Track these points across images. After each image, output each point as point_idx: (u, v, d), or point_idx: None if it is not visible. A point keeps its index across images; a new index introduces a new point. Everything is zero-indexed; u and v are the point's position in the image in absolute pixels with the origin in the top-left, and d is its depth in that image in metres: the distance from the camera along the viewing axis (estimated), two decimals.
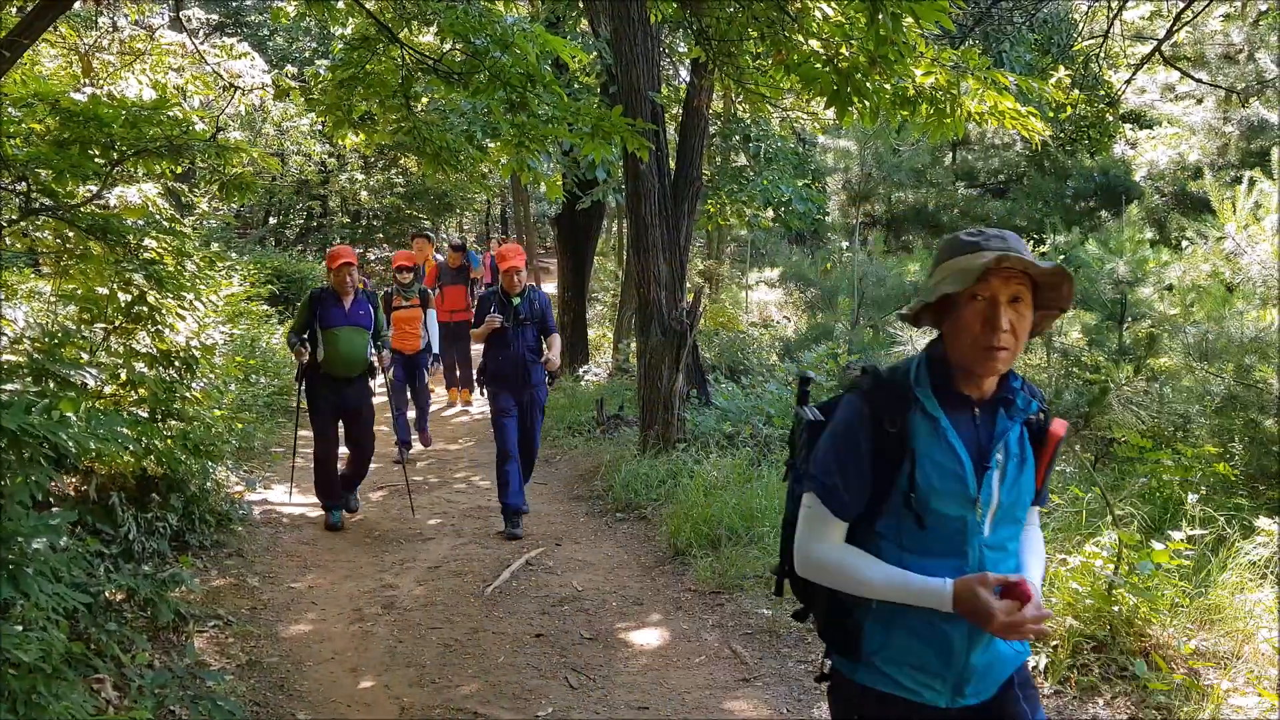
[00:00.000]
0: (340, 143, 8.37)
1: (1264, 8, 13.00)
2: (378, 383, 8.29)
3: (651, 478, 8.14)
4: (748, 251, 19.23)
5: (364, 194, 26.81)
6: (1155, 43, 9.75)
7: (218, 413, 7.52)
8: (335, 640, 5.46)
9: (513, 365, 7.39)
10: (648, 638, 5.49)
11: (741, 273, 19.25)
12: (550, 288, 17.67)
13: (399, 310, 9.78)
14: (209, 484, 6.83)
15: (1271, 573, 4.95)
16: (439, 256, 13.20)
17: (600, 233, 19.75)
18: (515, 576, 6.49)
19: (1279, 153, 6.85)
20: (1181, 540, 4.79)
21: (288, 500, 8.18)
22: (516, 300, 7.39)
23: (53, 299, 6.63)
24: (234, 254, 14.60)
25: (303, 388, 7.58)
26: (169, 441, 6.07)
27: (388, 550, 7.07)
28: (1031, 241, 12.48)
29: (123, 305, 6.00)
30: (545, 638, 5.46)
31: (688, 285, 10.03)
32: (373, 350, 7.54)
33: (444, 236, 29.23)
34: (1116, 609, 4.62)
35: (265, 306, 14.07)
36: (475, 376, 7.97)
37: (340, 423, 7.69)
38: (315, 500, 8.31)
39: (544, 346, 7.51)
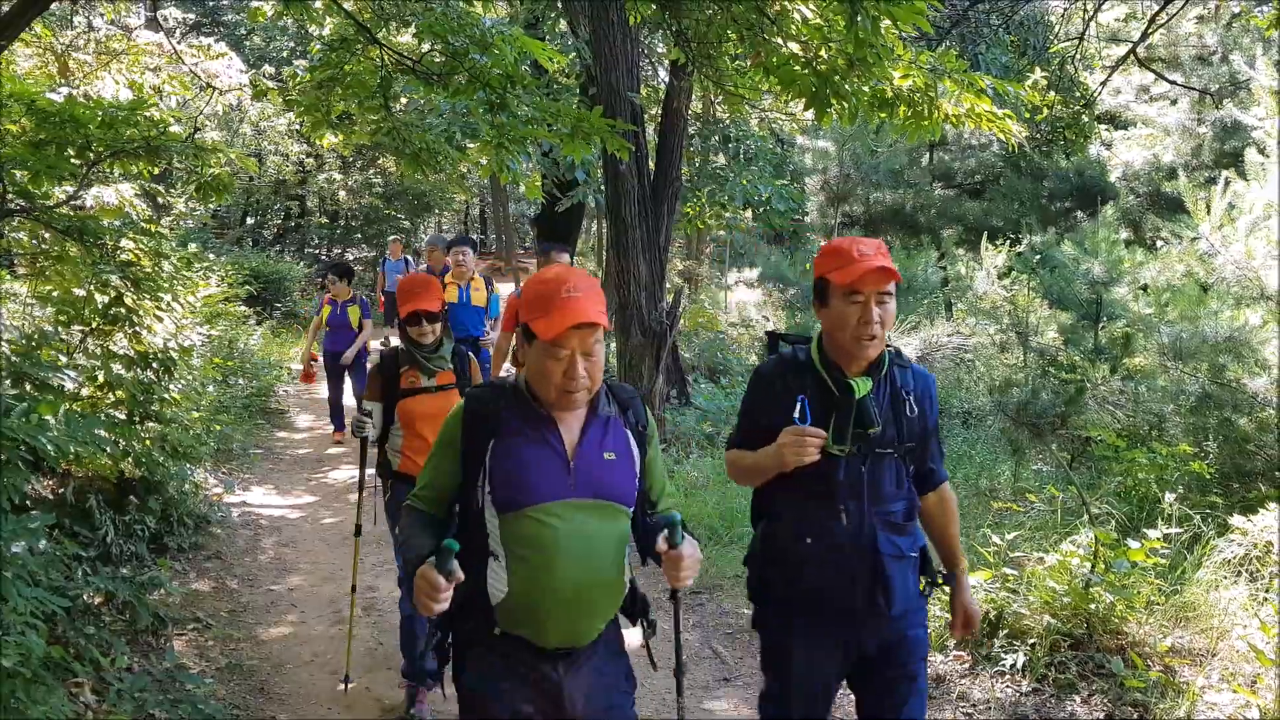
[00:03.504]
0: (318, 143, 8.32)
1: (1237, 10, 13.13)
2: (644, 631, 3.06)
3: None
4: (727, 252, 19.27)
5: (342, 194, 26.73)
6: (1130, 45, 9.83)
7: (196, 414, 7.47)
8: (315, 642, 5.45)
9: (847, 559, 2.97)
10: (628, 638, 5.49)
11: (721, 273, 19.28)
12: None
13: (415, 397, 4.66)
14: (187, 486, 6.79)
15: (1247, 570, 5.01)
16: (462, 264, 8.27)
17: (580, 233, 19.77)
18: None
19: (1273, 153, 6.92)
20: (1157, 539, 4.84)
21: (267, 503, 8.14)
22: (863, 385, 2.98)
23: (29, 301, 6.58)
24: (211, 255, 14.51)
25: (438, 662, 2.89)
26: (147, 443, 6.05)
27: (368, 552, 7.04)
28: (1008, 241, 12.56)
29: (100, 307, 5.96)
30: None
31: (667, 285, 10.05)
32: (636, 552, 2.89)
33: (421, 234, 29.06)
34: (1093, 607, 4.66)
35: (243, 307, 13.99)
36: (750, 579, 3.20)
37: None
38: (295, 502, 8.28)
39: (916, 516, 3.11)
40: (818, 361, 3.00)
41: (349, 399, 10.25)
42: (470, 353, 4.91)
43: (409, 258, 17.00)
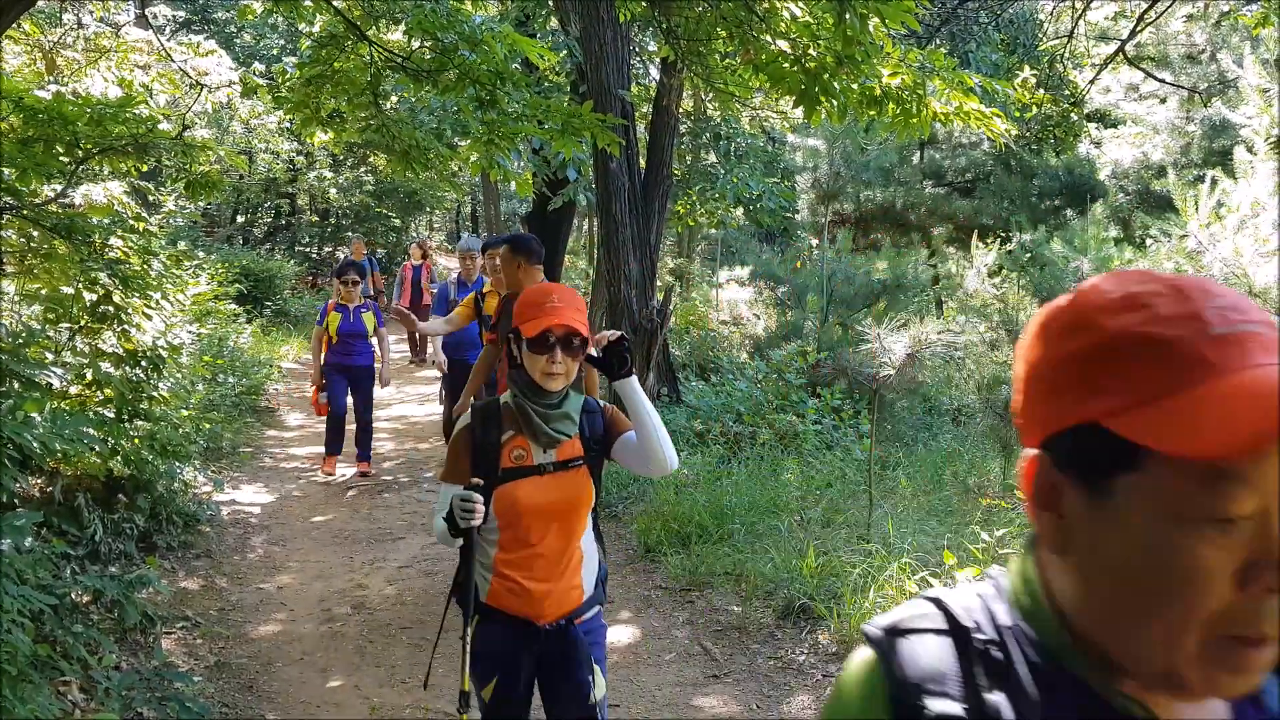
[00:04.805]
0: (308, 140, 8.29)
1: (1225, 9, 13.17)
2: None
3: (622, 476, 8.15)
4: (718, 250, 19.29)
5: (333, 192, 26.67)
6: (1119, 43, 9.86)
7: (185, 413, 7.46)
8: (305, 641, 5.44)
9: None
10: (618, 635, 5.50)
11: (712, 271, 19.28)
12: None
13: (523, 481, 2.93)
14: (176, 484, 6.78)
15: None
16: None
17: (571, 231, 19.73)
18: None
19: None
20: None
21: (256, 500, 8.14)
22: None
23: (17, 298, 6.56)
24: (201, 253, 14.48)
25: None
26: (135, 442, 6.03)
27: (357, 550, 7.05)
28: (998, 239, 12.59)
29: (88, 305, 5.95)
30: None
31: (658, 283, 10.06)
32: None
33: (415, 235, 29.03)
34: None
35: (233, 306, 13.97)
36: None
37: None
38: (284, 501, 8.27)
39: None
40: None
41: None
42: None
43: (372, 258, 16.54)
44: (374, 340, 8.90)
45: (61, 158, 5.50)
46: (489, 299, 6.71)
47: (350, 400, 8.98)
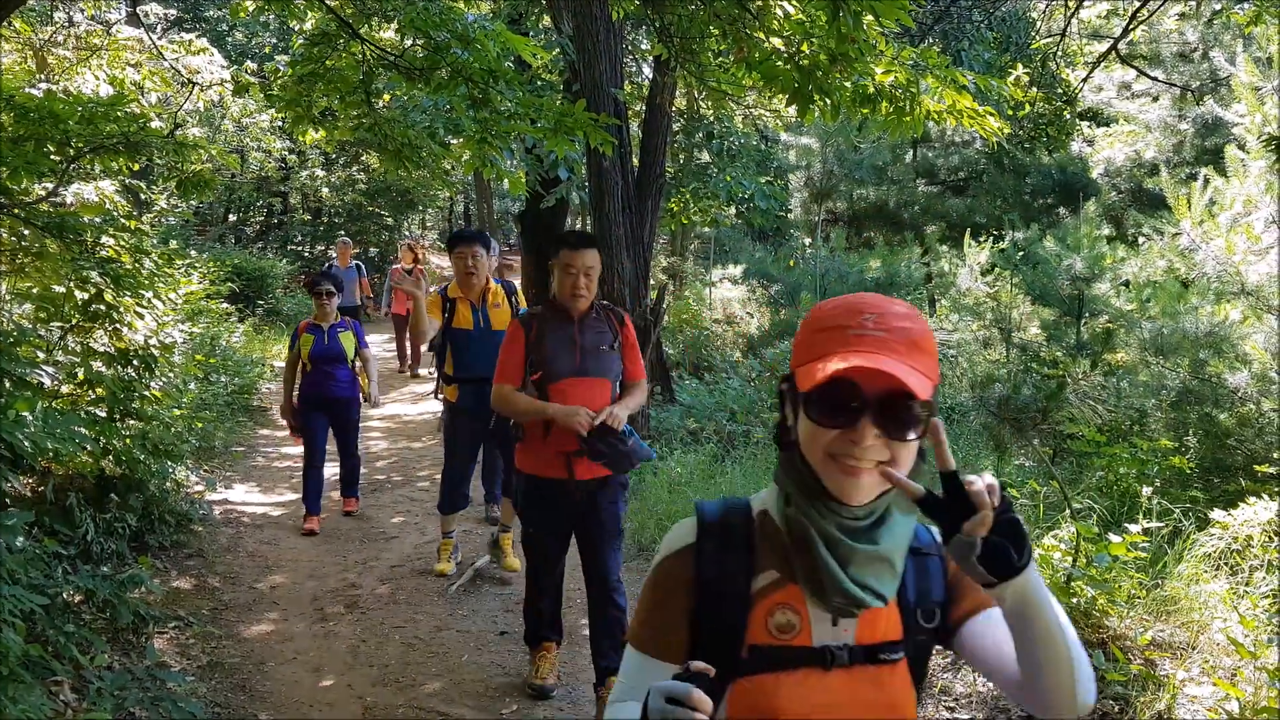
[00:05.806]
0: (300, 139, 8.26)
1: (1218, 7, 13.19)
2: None
3: None
4: (712, 249, 19.29)
5: (325, 190, 26.63)
6: (1112, 41, 9.87)
7: (177, 412, 7.43)
8: (298, 640, 5.42)
9: None
10: None
11: (705, 269, 19.27)
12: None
13: (796, 677, 1.58)
14: (168, 484, 6.76)
15: (1227, 564, 5.04)
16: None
17: (564, 229, 19.73)
18: (479, 574, 6.48)
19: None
20: (1138, 533, 4.85)
21: (249, 500, 8.11)
22: None
23: (8, 297, 6.54)
24: (193, 251, 14.44)
25: None
26: (127, 441, 6.01)
27: (350, 549, 7.04)
28: (991, 237, 12.62)
29: (80, 303, 5.93)
30: (509, 635, 5.45)
31: (651, 282, 10.04)
32: None
33: (407, 234, 28.97)
34: (1075, 601, 4.68)
35: (225, 305, 13.94)
36: None
37: None
38: (276, 500, 8.25)
39: None
40: None
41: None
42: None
43: (360, 264, 15.81)
44: (356, 365, 7.48)
45: (53, 156, 5.49)
46: (460, 307, 5.88)
47: (332, 437, 7.59)
